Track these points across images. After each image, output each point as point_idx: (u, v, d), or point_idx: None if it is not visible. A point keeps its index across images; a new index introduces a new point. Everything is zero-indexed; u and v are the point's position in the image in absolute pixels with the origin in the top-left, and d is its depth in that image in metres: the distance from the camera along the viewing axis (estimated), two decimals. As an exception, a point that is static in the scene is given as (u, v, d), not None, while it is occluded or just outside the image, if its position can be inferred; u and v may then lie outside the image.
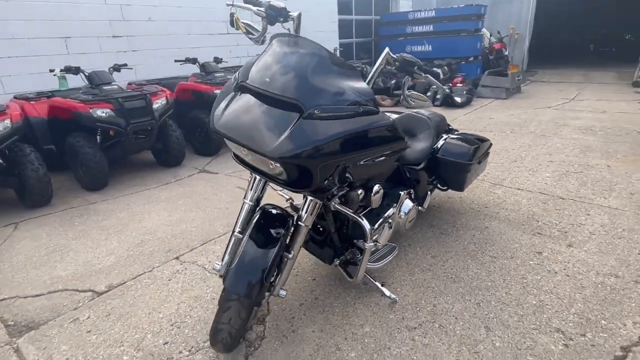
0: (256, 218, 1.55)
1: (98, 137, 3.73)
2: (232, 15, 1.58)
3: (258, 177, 1.63)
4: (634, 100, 6.83)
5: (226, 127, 1.37)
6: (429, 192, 2.54)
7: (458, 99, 6.96)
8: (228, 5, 1.56)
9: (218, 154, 4.78)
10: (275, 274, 1.59)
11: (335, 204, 1.68)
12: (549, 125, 5.39)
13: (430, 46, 9.67)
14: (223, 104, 1.44)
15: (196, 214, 3.09)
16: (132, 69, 4.96)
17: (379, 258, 1.97)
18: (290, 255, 1.57)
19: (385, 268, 2.23)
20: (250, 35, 1.61)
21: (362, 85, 1.39)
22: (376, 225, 1.78)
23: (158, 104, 3.88)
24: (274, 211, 1.60)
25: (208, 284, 2.18)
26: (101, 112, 3.52)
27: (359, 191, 1.66)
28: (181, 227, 2.89)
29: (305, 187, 1.37)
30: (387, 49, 1.71)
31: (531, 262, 2.23)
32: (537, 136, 4.86)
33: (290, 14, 1.52)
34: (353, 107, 1.30)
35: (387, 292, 1.98)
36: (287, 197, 2.21)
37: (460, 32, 9.29)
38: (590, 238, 2.45)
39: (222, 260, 1.67)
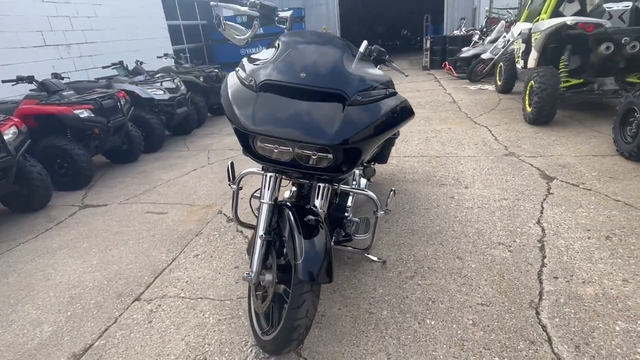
0: (290, 214, 1.57)
1: None
2: (217, 16, 1.52)
3: (274, 176, 1.64)
4: (431, 80, 8.82)
5: (267, 126, 1.36)
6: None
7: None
8: (212, 5, 1.50)
9: (90, 185, 4.05)
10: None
11: (341, 186, 1.83)
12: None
13: (262, 48, 10.09)
14: (248, 107, 1.41)
15: (120, 251, 2.66)
16: None
17: (360, 231, 2.19)
18: None
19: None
20: (235, 36, 1.59)
21: (378, 70, 1.58)
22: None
23: (9, 135, 3.06)
24: (290, 204, 1.64)
25: (200, 309, 2.00)
26: None
27: (373, 165, 1.84)
28: (112, 268, 2.46)
29: (347, 169, 1.49)
30: (365, 42, 1.85)
31: (452, 205, 2.84)
32: (388, 115, 5.85)
33: (279, 14, 1.58)
34: (382, 91, 1.49)
35: (374, 258, 2.24)
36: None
37: (288, 33, 10.01)
38: (474, 179, 3.26)
39: (252, 267, 1.62)
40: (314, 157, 1.45)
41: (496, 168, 3.44)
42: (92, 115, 3.84)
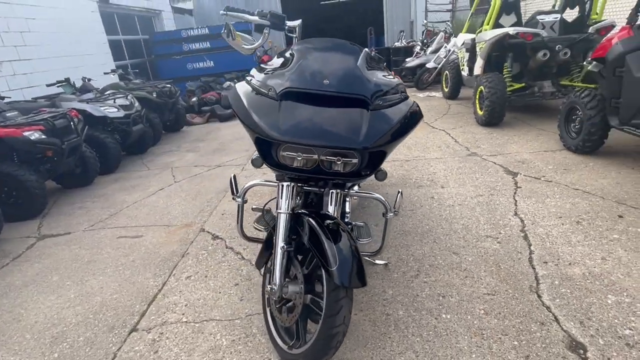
0: (312, 221, 1.55)
1: None
2: (227, 25, 1.49)
3: (291, 185, 1.62)
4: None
5: (295, 134, 1.35)
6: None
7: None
8: (222, 14, 1.46)
9: (44, 213, 3.67)
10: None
11: (350, 191, 1.84)
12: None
13: (212, 62, 9.91)
14: (272, 115, 1.38)
15: (99, 281, 2.44)
16: None
17: (364, 235, 2.22)
18: None
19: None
20: (244, 45, 1.56)
21: (390, 74, 1.63)
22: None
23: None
24: (307, 213, 1.63)
25: (209, 331, 1.89)
26: None
27: (384, 169, 1.87)
28: (94, 300, 2.25)
29: (369, 173, 1.52)
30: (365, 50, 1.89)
31: (434, 204, 2.98)
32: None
33: (287, 23, 1.58)
34: (397, 95, 1.54)
35: (380, 262, 2.28)
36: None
37: (236, 47, 9.93)
38: (447, 179, 3.44)
39: (273, 280, 1.57)
40: (338, 162, 1.45)
41: (464, 167, 3.66)
42: (44, 136, 3.51)
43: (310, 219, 1.57)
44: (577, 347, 1.59)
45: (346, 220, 2.09)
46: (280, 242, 1.59)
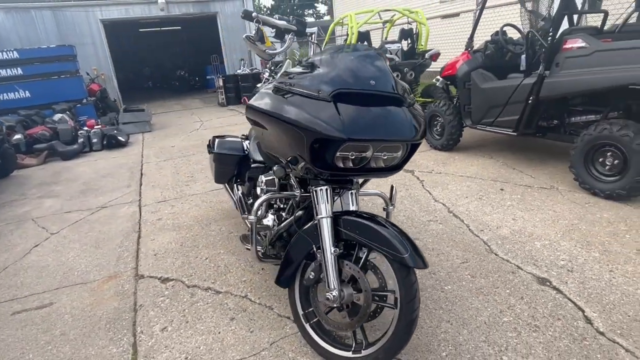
0: (359, 219, 1.58)
1: None
2: (260, 30, 1.42)
3: (330, 188, 1.62)
4: (240, 115, 9.27)
5: (360, 132, 1.39)
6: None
7: (122, 138, 6.64)
8: (256, 23, 1.39)
9: None
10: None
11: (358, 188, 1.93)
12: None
13: (27, 92, 8.08)
14: (331, 116, 1.39)
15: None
16: None
17: None
18: None
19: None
20: (269, 51, 1.51)
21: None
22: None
23: None
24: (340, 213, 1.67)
25: (241, 373, 1.65)
26: None
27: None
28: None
29: (403, 166, 1.66)
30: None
31: (368, 206, 3.28)
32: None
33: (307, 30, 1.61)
34: (412, 95, 1.73)
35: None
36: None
37: (60, 74, 8.41)
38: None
39: (332, 285, 1.54)
40: (384, 157, 1.56)
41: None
42: None
43: (356, 217, 1.61)
44: (544, 281, 2.09)
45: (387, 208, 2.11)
46: (328, 248, 1.57)
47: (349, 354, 1.59)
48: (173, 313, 2.10)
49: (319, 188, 1.63)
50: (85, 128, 7.16)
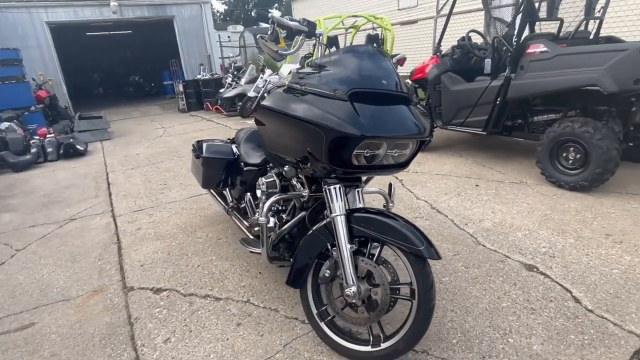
0: (372, 215, 1.62)
1: None
2: (276, 30, 1.42)
3: (343, 187, 1.65)
4: (203, 120, 9.05)
5: (379, 130, 1.44)
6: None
7: (80, 147, 6.25)
8: (271, 24, 1.40)
9: None
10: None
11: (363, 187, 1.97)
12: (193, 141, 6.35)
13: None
14: (349, 115, 1.42)
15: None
16: None
17: None
18: None
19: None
20: (282, 51, 1.52)
21: None
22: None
23: None
24: (352, 210, 1.70)
25: (259, 377, 1.63)
26: None
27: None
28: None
29: (409, 163, 1.72)
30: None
31: (355, 205, 3.33)
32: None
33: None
34: (414, 95, 1.80)
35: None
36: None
37: (4, 79, 7.78)
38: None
39: (350, 281, 1.57)
40: (394, 154, 1.61)
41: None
42: None
43: (368, 214, 1.65)
44: (531, 267, 2.24)
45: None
46: (344, 244, 1.60)
47: (368, 348, 1.62)
48: (174, 323, 2.02)
49: (332, 187, 1.65)
50: (37, 137, 6.67)
